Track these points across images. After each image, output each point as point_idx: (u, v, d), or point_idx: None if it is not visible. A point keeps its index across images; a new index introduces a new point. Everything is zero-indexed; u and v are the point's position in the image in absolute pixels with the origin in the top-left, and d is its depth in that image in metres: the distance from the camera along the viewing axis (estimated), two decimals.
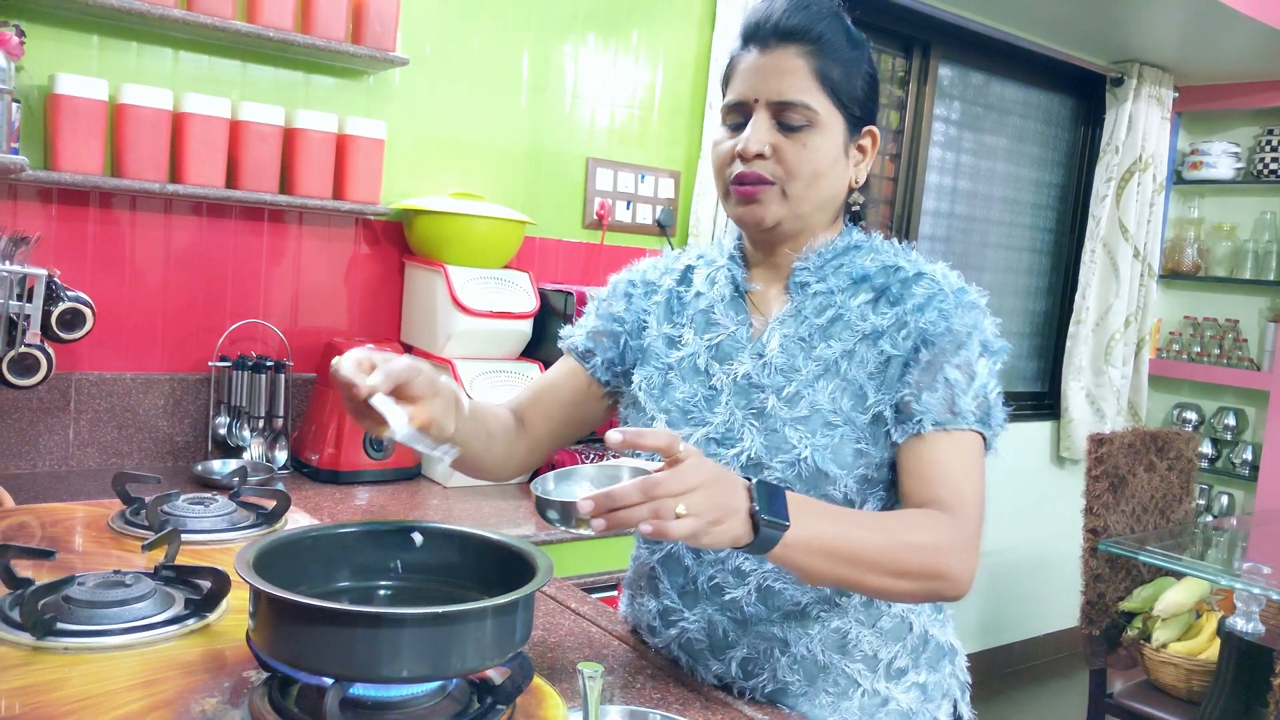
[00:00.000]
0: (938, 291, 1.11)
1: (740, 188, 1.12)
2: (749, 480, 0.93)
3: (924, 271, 1.13)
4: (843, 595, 1.12)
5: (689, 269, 1.28)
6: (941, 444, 1.06)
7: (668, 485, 0.85)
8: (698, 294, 1.24)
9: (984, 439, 1.09)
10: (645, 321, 1.26)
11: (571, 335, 1.31)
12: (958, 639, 1.25)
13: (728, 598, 1.13)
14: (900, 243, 1.20)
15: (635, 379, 1.24)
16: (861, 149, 1.17)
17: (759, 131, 1.10)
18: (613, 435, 0.88)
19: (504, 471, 1.26)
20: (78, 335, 1.85)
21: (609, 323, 1.28)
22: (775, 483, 0.97)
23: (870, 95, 1.15)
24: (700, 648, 1.16)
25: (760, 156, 1.10)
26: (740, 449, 1.11)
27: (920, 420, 1.06)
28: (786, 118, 1.10)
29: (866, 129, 1.16)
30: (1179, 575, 2.74)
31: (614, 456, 1.29)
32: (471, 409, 1.13)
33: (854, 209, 1.21)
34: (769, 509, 0.90)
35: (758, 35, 1.12)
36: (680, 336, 1.22)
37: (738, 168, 1.12)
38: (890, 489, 1.12)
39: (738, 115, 1.13)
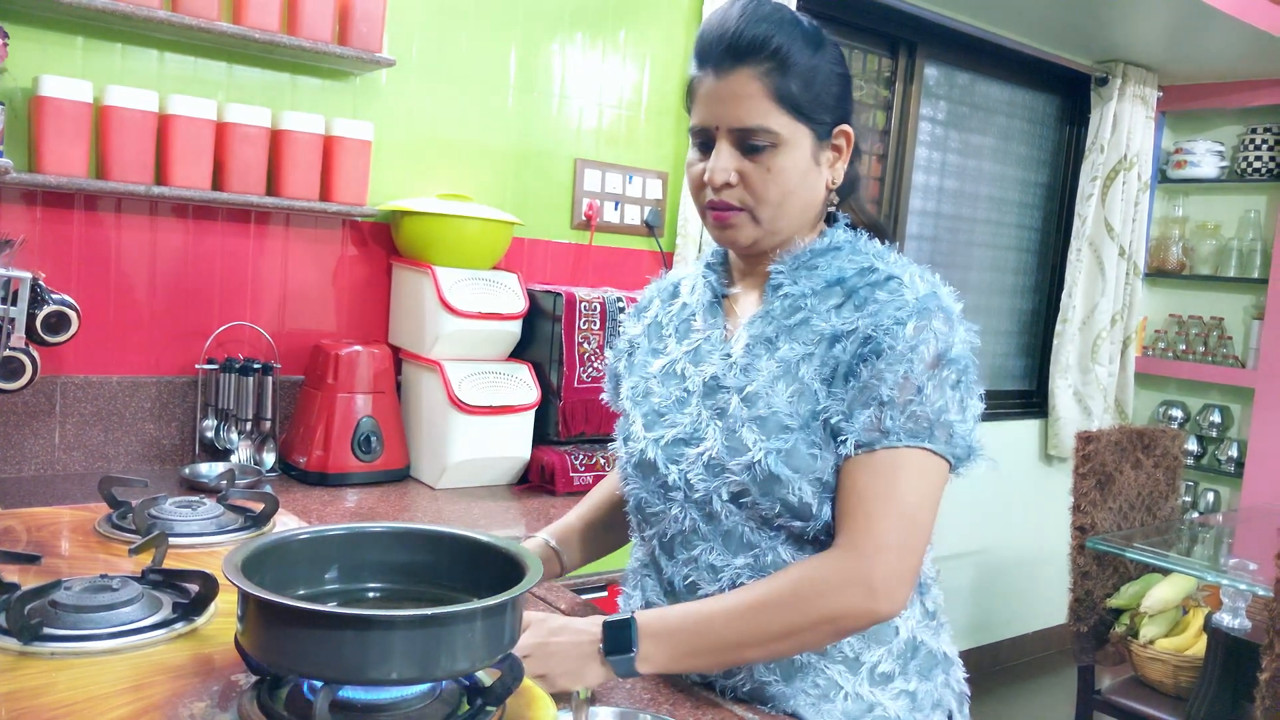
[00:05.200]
0: (899, 296, 1.07)
1: (715, 213, 1.14)
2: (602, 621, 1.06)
3: (895, 275, 1.10)
4: None
5: (677, 284, 1.31)
6: (863, 468, 1.04)
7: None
8: (683, 304, 1.27)
9: (944, 457, 1.05)
10: (637, 343, 1.31)
11: (610, 399, 1.40)
12: (953, 647, 1.23)
13: (701, 595, 1.14)
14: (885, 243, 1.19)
15: (623, 389, 1.29)
16: (836, 148, 1.15)
17: (723, 160, 1.10)
18: None
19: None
20: (63, 338, 1.84)
21: (617, 361, 1.35)
22: (627, 616, 1.07)
23: (841, 95, 1.13)
24: None
25: (727, 185, 1.10)
26: (703, 448, 1.13)
27: (844, 441, 1.04)
28: (749, 142, 1.09)
29: (839, 129, 1.14)
30: (1166, 572, 2.75)
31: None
32: (582, 532, 1.37)
33: (831, 210, 1.20)
34: (612, 646, 1.04)
35: (711, 57, 1.10)
36: (664, 347, 1.25)
37: (709, 194, 1.13)
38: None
39: (701, 138, 1.14)
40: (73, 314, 1.85)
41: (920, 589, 1.19)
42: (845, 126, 1.15)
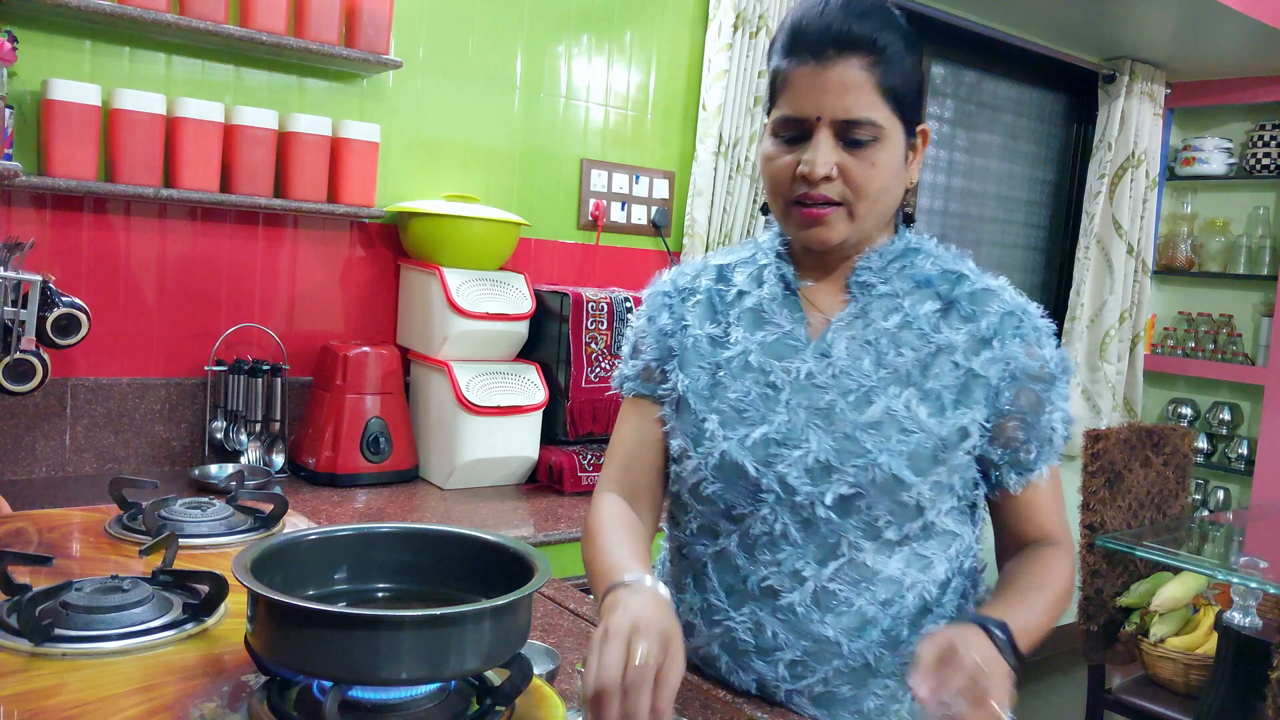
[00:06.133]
0: (1010, 313, 1.10)
1: (806, 210, 1.08)
2: (989, 634, 0.97)
3: (990, 287, 1.12)
4: (899, 597, 1.10)
5: (725, 268, 1.22)
6: (1045, 482, 1.14)
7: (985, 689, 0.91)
8: (741, 292, 1.19)
9: None
10: (686, 322, 1.20)
11: (628, 379, 1.24)
12: None
13: (783, 601, 1.10)
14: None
15: (678, 381, 1.18)
16: (914, 148, 1.13)
17: (825, 152, 1.05)
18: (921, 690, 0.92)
19: None
20: (73, 341, 1.85)
21: (663, 339, 1.21)
22: (995, 627, 0.98)
23: (921, 94, 1.12)
24: (745, 648, 1.12)
25: (827, 178, 1.06)
26: (805, 451, 1.08)
27: (1036, 470, 1.12)
28: (852, 134, 1.05)
29: (920, 128, 1.13)
30: (1176, 570, 2.74)
31: None
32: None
33: (907, 210, 1.19)
34: (1014, 658, 0.99)
35: (815, 45, 1.05)
36: (727, 336, 1.17)
37: (801, 188, 1.07)
38: (953, 494, 1.11)
39: (793, 129, 1.08)
40: (83, 316, 1.85)
41: (973, 581, 1.19)
42: (925, 125, 1.14)
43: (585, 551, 1.15)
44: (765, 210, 1.17)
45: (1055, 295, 4.31)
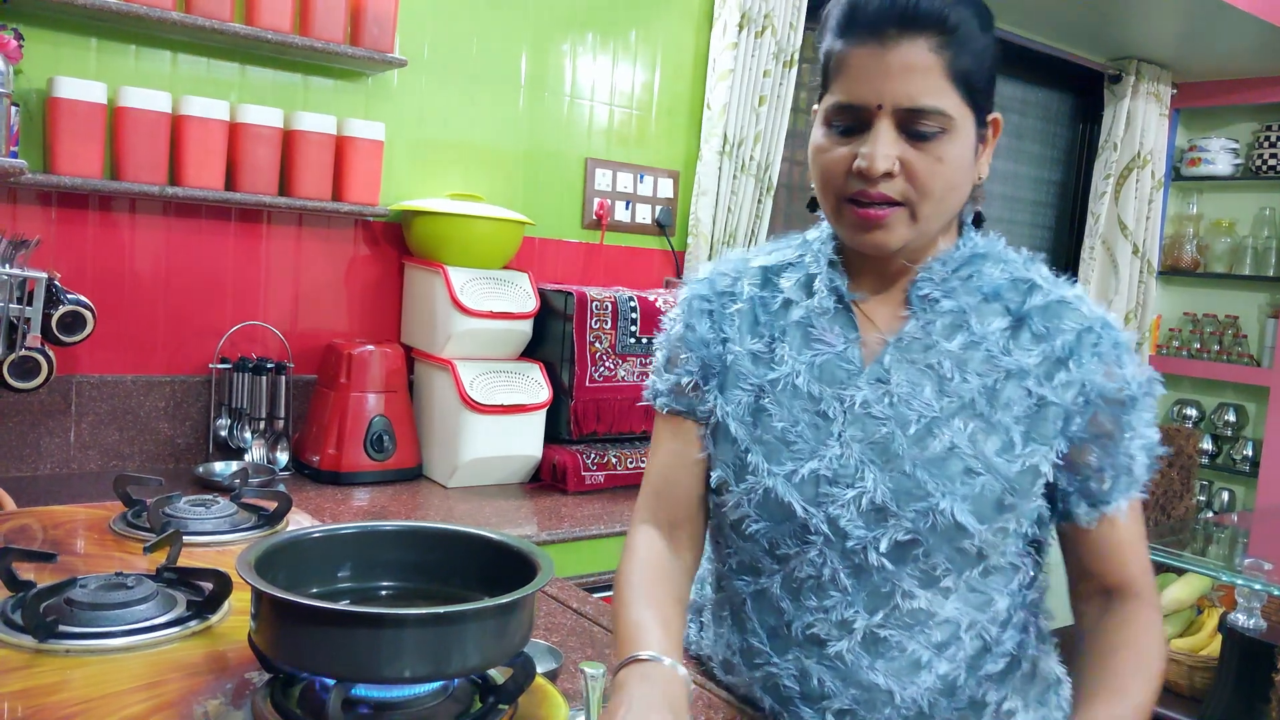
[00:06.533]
0: (1087, 329, 0.99)
1: (861, 210, 0.96)
2: None
3: (1065, 298, 1.01)
4: (956, 639, 1.02)
5: (769, 271, 1.10)
6: (1126, 518, 1.01)
7: None
8: (788, 302, 1.07)
9: None
10: (726, 334, 1.08)
11: (661, 394, 1.12)
12: (1061, 667, 1.15)
13: (830, 650, 1.02)
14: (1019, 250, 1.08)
15: (719, 403, 1.07)
16: (984, 139, 1.01)
17: (885, 145, 0.93)
18: None
19: None
20: (78, 338, 1.86)
21: (702, 350, 1.09)
22: None
23: (994, 79, 0.99)
24: (790, 694, 1.05)
25: (888, 175, 0.94)
26: (859, 491, 0.98)
27: (1112, 503, 1.00)
28: (917, 125, 0.93)
29: (991, 117, 1.01)
30: (1180, 572, 2.73)
31: None
32: (678, 641, 1.00)
33: (978, 210, 1.07)
34: None
35: (875, 22, 0.92)
36: (773, 353, 1.05)
37: (856, 185, 0.95)
38: (1020, 537, 1.03)
39: (849, 118, 0.95)
40: (88, 314, 1.86)
41: (1034, 612, 1.12)
42: (997, 115, 1.02)
43: (614, 600, 1.04)
44: (813, 206, 1.05)
45: None
